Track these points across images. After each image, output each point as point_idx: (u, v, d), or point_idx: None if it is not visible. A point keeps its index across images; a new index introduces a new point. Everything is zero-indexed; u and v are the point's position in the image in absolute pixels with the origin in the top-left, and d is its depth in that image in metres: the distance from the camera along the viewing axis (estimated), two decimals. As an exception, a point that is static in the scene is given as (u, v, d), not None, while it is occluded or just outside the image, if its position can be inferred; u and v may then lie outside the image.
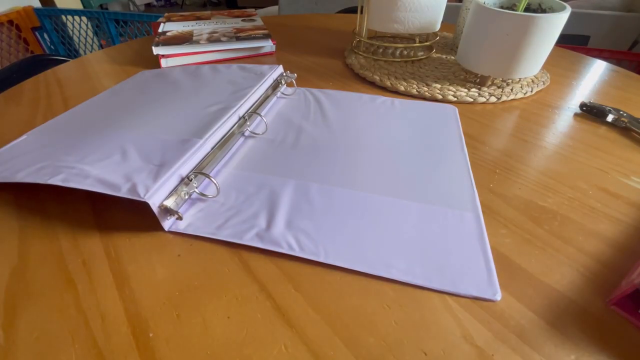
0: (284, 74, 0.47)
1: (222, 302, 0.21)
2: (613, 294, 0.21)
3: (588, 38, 1.20)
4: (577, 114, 0.42)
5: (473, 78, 0.49)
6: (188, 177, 0.28)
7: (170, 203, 0.25)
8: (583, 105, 0.42)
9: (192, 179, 0.28)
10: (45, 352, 0.19)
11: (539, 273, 0.23)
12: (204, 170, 0.29)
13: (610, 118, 0.40)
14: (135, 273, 0.23)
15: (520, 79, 0.48)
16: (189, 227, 0.26)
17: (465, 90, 0.46)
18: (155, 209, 0.25)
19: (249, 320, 0.20)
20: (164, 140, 0.31)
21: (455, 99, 0.44)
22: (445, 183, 0.30)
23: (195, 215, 0.27)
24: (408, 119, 0.40)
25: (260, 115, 0.37)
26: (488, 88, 0.46)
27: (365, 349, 0.19)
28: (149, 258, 0.24)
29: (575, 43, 1.21)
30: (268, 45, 0.59)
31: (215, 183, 0.28)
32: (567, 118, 0.41)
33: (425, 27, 0.53)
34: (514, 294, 0.22)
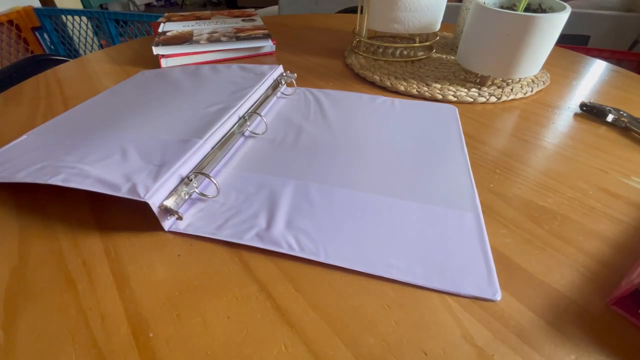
0: (284, 74, 0.47)
1: (222, 302, 0.21)
2: (613, 294, 0.21)
3: (588, 38, 1.20)
4: (577, 114, 0.42)
5: (473, 78, 0.49)
6: (188, 177, 0.28)
7: (170, 203, 0.25)
8: (583, 105, 0.42)
9: (192, 179, 0.28)
10: (45, 352, 0.19)
11: (539, 273, 0.23)
12: (204, 170, 0.29)
13: (610, 118, 0.40)
14: (135, 273, 0.23)
15: (520, 79, 0.48)
16: (189, 227, 0.26)
17: (465, 90, 0.46)
18: (155, 209, 0.25)
19: (249, 320, 0.20)
20: (164, 140, 0.31)
21: (455, 99, 0.44)
22: (445, 183, 0.30)
23: (195, 215, 0.27)
24: (408, 119, 0.40)
25: (260, 115, 0.37)
26: (488, 88, 0.46)
27: (365, 349, 0.19)
28: (149, 258, 0.24)
29: (575, 43, 1.21)
30: (268, 45, 0.59)
31: (215, 183, 0.28)
32: (567, 118, 0.41)
33: (425, 27, 0.53)
34: (514, 294, 0.22)
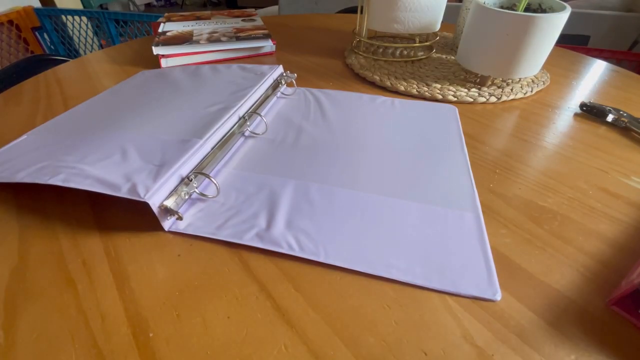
0: (284, 74, 0.47)
1: (222, 302, 0.21)
2: (613, 294, 0.21)
3: (588, 38, 1.20)
4: (577, 114, 0.42)
5: (473, 78, 0.49)
6: (188, 177, 0.28)
7: (170, 203, 0.25)
8: (583, 105, 0.42)
9: (192, 179, 0.28)
10: (45, 352, 0.19)
11: (539, 273, 0.23)
12: (204, 170, 0.29)
13: (610, 118, 0.40)
14: (135, 273, 0.23)
15: (520, 79, 0.48)
16: (189, 227, 0.26)
17: (465, 90, 0.46)
18: (156, 209, 0.25)
19: (249, 320, 0.20)
20: (164, 141, 0.31)
21: (455, 99, 0.44)
22: (445, 183, 0.30)
23: (195, 215, 0.27)
24: (408, 119, 0.40)
25: (260, 115, 0.37)
26: (488, 88, 0.46)
27: (365, 349, 0.19)
28: (149, 258, 0.24)
29: (575, 43, 1.21)
30: (268, 45, 0.59)
31: (215, 183, 0.28)
32: (567, 118, 0.41)
33: (425, 27, 0.53)
34: (514, 294, 0.22)
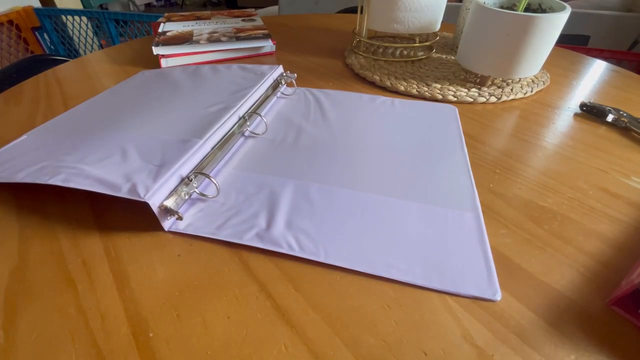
0: (284, 74, 0.47)
1: (222, 302, 0.21)
2: (613, 294, 0.21)
3: (588, 38, 1.20)
4: (577, 114, 0.42)
5: (473, 78, 0.49)
6: (188, 177, 0.28)
7: (171, 203, 0.25)
8: (583, 105, 0.42)
9: (192, 179, 0.28)
10: (45, 352, 0.19)
11: (539, 273, 0.23)
12: (204, 171, 0.29)
13: (610, 118, 0.40)
14: (135, 273, 0.23)
15: (520, 79, 0.48)
16: (189, 227, 0.26)
17: (465, 90, 0.46)
18: (156, 209, 0.25)
19: (249, 320, 0.20)
20: (164, 141, 0.31)
21: (455, 99, 0.44)
22: (445, 183, 0.30)
23: (195, 215, 0.27)
24: (408, 119, 0.40)
25: (260, 115, 0.37)
26: (488, 88, 0.46)
27: (365, 349, 0.19)
28: (149, 258, 0.24)
29: (575, 43, 1.21)
30: (268, 45, 0.59)
31: (215, 183, 0.28)
32: (567, 118, 0.41)
33: (425, 27, 0.53)
34: (514, 294, 0.22)
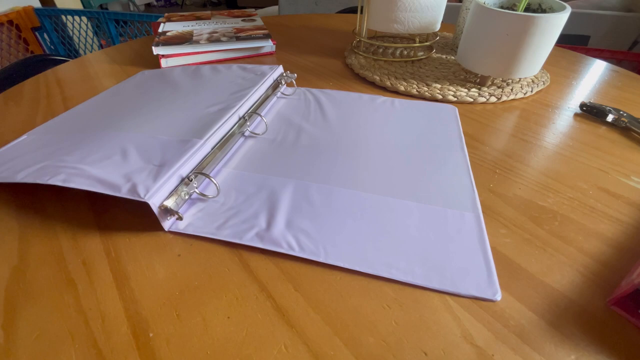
0: (284, 74, 0.47)
1: (222, 302, 0.21)
2: (613, 294, 0.21)
3: (588, 38, 1.20)
4: (577, 114, 0.42)
5: (473, 78, 0.49)
6: (188, 177, 0.28)
7: (171, 203, 0.25)
8: (583, 105, 0.42)
9: (192, 179, 0.28)
10: (45, 352, 0.19)
11: (539, 273, 0.23)
12: (204, 171, 0.29)
13: (610, 118, 0.40)
14: (135, 273, 0.23)
15: (520, 79, 0.48)
16: (189, 227, 0.26)
17: (465, 90, 0.46)
18: (156, 209, 0.25)
19: (249, 320, 0.20)
20: (164, 141, 0.31)
21: (455, 99, 0.44)
22: (445, 183, 0.30)
23: (195, 215, 0.27)
24: (408, 119, 0.40)
25: (260, 116, 0.37)
26: (488, 88, 0.46)
27: (365, 349, 0.19)
28: (149, 258, 0.24)
29: (575, 43, 1.21)
30: (268, 45, 0.59)
31: (215, 183, 0.28)
32: (567, 118, 0.41)
33: (425, 27, 0.53)
34: (514, 294, 0.22)
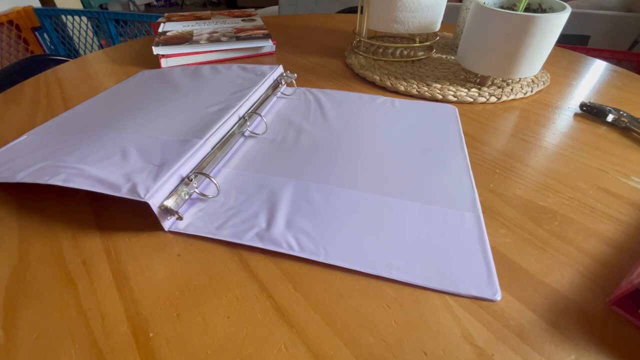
0: (284, 74, 0.47)
1: (222, 302, 0.21)
2: (613, 294, 0.21)
3: (588, 38, 1.20)
4: (577, 114, 0.42)
5: (473, 78, 0.49)
6: (188, 177, 0.28)
7: (171, 203, 0.25)
8: (583, 105, 0.42)
9: (192, 179, 0.28)
10: (45, 352, 0.19)
11: (539, 273, 0.23)
12: (204, 171, 0.29)
13: (610, 118, 0.40)
14: (135, 273, 0.23)
15: (520, 79, 0.48)
16: (189, 226, 0.26)
17: (465, 90, 0.46)
18: (156, 209, 0.25)
19: (249, 320, 0.20)
20: (164, 141, 0.31)
21: (455, 99, 0.44)
22: (445, 183, 0.30)
23: (196, 215, 0.27)
24: (408, 119, 0.40)
25: (260, 116, 0.37)
26: (488, 88, 0.46)
27: (365, 349, 0.19)
28: (149, 258, 0.24)
29: (575, 43, 1.21)
30: (268, 45, 0.59)
31: (216, 183, 0.28)
32: (567, 118, 0.41)
33: (425, 27, 0.53)
34: (514, 294, 0.22)
